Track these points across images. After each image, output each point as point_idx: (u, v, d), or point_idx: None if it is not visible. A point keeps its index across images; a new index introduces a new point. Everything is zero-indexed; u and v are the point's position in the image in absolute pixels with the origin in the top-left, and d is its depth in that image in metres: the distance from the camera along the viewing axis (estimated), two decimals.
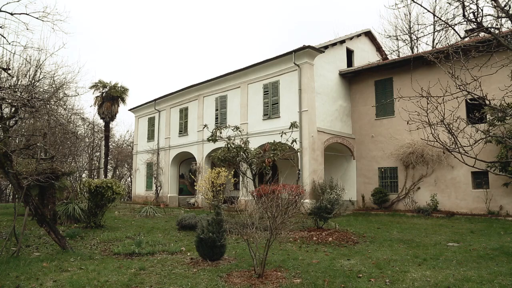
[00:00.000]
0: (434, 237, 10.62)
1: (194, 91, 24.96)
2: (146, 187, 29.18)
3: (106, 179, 13.44)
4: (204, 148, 23.44)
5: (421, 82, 6.79)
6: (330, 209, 11.47)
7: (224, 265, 7.28)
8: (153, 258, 8.03)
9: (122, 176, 42.96)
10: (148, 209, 17.15)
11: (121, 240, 10.44)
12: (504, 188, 15.07)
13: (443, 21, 4.89)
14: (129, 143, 42.02)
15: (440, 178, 17.27)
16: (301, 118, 17.96)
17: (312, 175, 17.65)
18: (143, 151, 29.42)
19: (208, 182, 17.06)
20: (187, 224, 12.18)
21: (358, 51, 22.02)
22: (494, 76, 5.22)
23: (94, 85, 33.70)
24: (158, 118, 28.72)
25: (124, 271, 6.84)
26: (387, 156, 19.00)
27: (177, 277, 6.46)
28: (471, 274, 6.51)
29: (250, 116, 20.81)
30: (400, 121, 17.64)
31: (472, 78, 4.75)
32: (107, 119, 34.48)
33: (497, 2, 4.04)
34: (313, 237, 10.43)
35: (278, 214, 6.52)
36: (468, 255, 8.16)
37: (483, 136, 5.26)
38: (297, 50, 18.18)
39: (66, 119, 12.75)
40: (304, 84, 18.11)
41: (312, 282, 6.04)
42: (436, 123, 5.05)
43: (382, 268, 7.02)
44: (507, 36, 4.43)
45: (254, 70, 20.69)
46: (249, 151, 14.86)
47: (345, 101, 20.68)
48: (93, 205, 12.95)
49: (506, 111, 4.73)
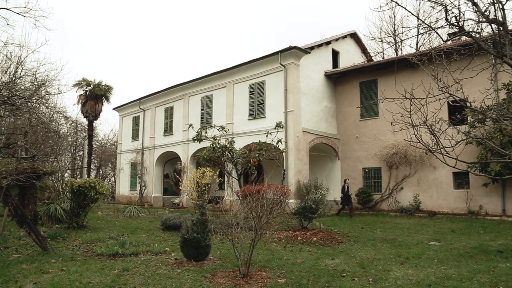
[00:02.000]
0: (417, 237, 10.79)
1: (180, 90, 24.82)
2: (130, 187, 28.88)
3: (89, 179, 13.24)
4: (189, 147, 23.33)
5: (405, 84, 6.89)
6: (314, 209, 11.54)
7: (209, 265, 7.25)
8: (136, 259, 7.95)
9: (105, 175, 42.40)
10: (132, 209, 16.97)
11: (104, 240, 10.30)
12: (484, 188, 15.40)
13: (426, 24, 4.98)
14: (113, 142, 41.49)
15: (423, 179, 17.55)
16: (286, 118, 18.02)
17: (297, 175, 17.73)
18: (128, 151, 29.11)
19: (193, 182, 16.98)
20: (171, 224, 12.09)
21: (344, 52, 22.21)
22: (475, 79, 5.32)
23: (78, 83, 33.18)
24: (143, 117, 28.46)
25: (107, 272, 6.75)
26: (371, 157, 19.21)
27: (161, 277, 6.41)
28: (451, 272, 6.64)
29: (235, 116, 20.79)
30: (384, 122, 17.86)
31: (454, 81, 4.84)
32: (90, 118, 33.98)
33: (478, 8, 4.13)
34: (297, 237, 10.48)
35: (263, 214, 6.53)
36: (449, 253, 8.32)
37: (464, 138, 5.36)
38: (283, 51, 18.24)
39: (48, 118, 12.54)
40: (290, 84, 18.18)
41: (296, 282, 6.06)
42: (419, 124, 5.14)
43: (366, 267, 7.10)
44: (487, 40, 4.53)
45: (240, 70, 20.68)
46: (234, 151, 14.85)
47: (330, 102, 20.83)
48: (76, 205, 12.74)
49: (486, 113, 4.83)
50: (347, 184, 16.92)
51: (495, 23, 4.12)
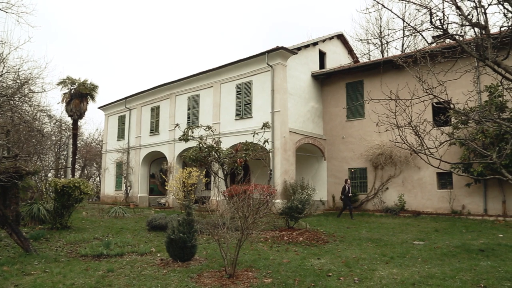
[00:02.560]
0: (401, 236, 10.93)
1: (166, 89, 24.66)
2: (115, 187, 28.57)
3: (73, 179, 13.04)
4: (176, 147, 23.19)
5: (390, 85, 6.97)
6: (301, 209, 11.59)
7: (195, 265, 7.22)
8: (122, 260, 7.87)
9: (90, 175, 41.84)
10: (117, 209, 16.77)
11: (88, 241, 10.17)
12: (466, 188, 15.68)
13: (411, 27, 5.04)
14: (98, 141, 40.97)
15: (408, 179, 17.78)
16: (273, 118, 18.05)
17: (284, 175, 17.78)
18: (113, 150, 28.79)
19: (179, 182, 16.90)
20: (157, 224, 12.00)
21: (330, 53, 22.36)
22: (459, 81, 5.42)
23: (62, 82, 32.66)
24: (129, 117, 28.18)
25: (91, 273, 6.67)
26: (357, 157, 19.38)
27: (146, 278, 6.36)
28: (435, 271, 6.74)
29: (222, 116, 20.75)
30: (370, 123, 18.04)
31: (438, 83, 4.91)
32: (75, 117, 33.48)
33: (461, 11, 4.20)
34: (284, 237, 10.51)
35: (249, 214, 6.54)
36: (433, 253, 8.44)
37: (447, 139, 5.45)
38: (270, 51, 18.27)
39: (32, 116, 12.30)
40: (276, 84, 18.22)
41: (282, 282, 6.08)
42: (404, 125, 5.19)
43: (351, 266, 7.16)
44: (470, 44, 4.61)
45: (227, 70, 20.64)
46: (221, 151, 14.82)
47: (317, 103, 20.95)
48: (60, 205, 12.54)
49: (469, 115, 4.91)
50: (348, 184, 16.58)
51: (478, 27, 4.20)
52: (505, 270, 6.75)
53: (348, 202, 16.32)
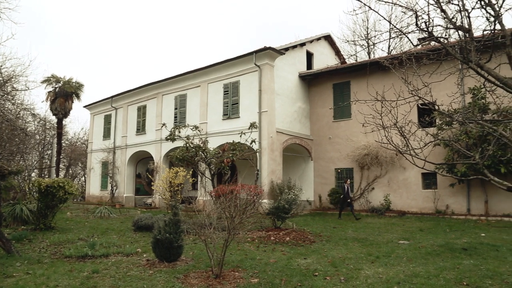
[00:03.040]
0: (387, 236, 11.05)
1: (153, 89, 24.48)
2: (101, 187, 28.24)
3: (58, 179, 12.83)
4: (162, 147, 23.04)
5: (376, 86, 7.04)
6: (287, 209, 11.62)
7: (181, 266, 7.18)
8: (107, 260, 7.78)
9: (75, 175, 41.26)
10: (102, 209, 16.58)
11: (73, 242, 10.03)
12: (450, 188, 15.94)
13: (397, 29, 5.09)
14: (83, 141, 40.42)
15: (393, 179, 17.98)
16: (260, 118, 18.07)
17: (271, 175, 17.81)
18: (99, 150, 28.46)
19: (166, 182, 16.80)
20: (143, 225, 11.90)
21: (318, 54, 22.48)
22: (443, 83, 5.50)
23: (47, 80, 32.15)
24: (115, 116, 27.88)
25: (76, 275, 6.57)
26: (344, 157, 19.52)
27: (132, 279, 6.30)
28: (419, 270, 6.84)
29: (209, 116, 20.68)
30: (356, 124, 18.19)
31: (423, 84, 4.97)
32: (60, 116, 33.00)
33: (446, 14, 4.26)
34: (270, 237, 10.52)
35: (236, 214, 6.53)
36: (417, 252, 8.56)
37: (432, 139, 5.52)
38: (258, 51, 18.29)
39: (15, 115, 12.09)
40: (264, 85, 18.24)
41: (269, 282, 6.09)
42: (389, 126, 5.24)
43: (337, 266, 7.21)
44: (455, 46, 4.68)
45: (214, 70, 20.59)
46: (208, 151, 14.78)
47: (304, 103, 21.04)
48: (43, 205, 12.32)
49: (453, 116, 4.99)
50: (347, 184, 16.26)
51: (462, 30, 4.27)
52: (487, 268, 6.89)
53: (343, 202, 16.25)
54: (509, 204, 14.62)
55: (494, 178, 4.37)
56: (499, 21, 4.17)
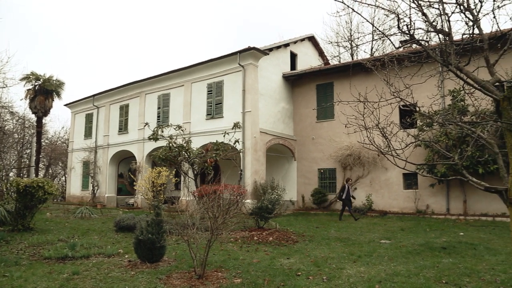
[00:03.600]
0: (369, 235, 11.18)
1: (136, 88, 24.21)
2: (82, 187, 27.76)
3: (37, 178, 12.55)
4: (145, 146, 22.81)
5: (359, 87, 7.12)
6: (271, 209, 11.65)
7: (164, 266, 7.12)
8: (88, 262, 7.65)
9: (55, 175, 40.46)
10: (83, 209, 16.29)
11: (52, 243, 9.82)
12: (431, 189, 16.24)
13: (380, 31, 5.17)
14: (64, 140, 39.67)
15: (375, 179, 18.21)
16: (244, 118, 18.06)
17: (254, 176, 17.82)
18: (80, 149, 27.99)
19: (149, 182, 16.61)
20: (125, 225, 11.75)
21: (302, 55, 22.60)
22: (424, 85, 5.60)
23: (26, 77, 31.41)
24: (97, 115, 27.47)
25: (55, 277, 6.44)
26: (327, 158, 19.68)
27: (113, 280, 6.22)
28: (400, 268, 6.95)
29: (193, 115, 20.58)
30: (339, 124, 18.35)
31: (404, 86, 5.06)
32: (40, 114, 32.30)
33: (427, 18, 4.34)
34: (254, 237, 10.53)
35: (219, 214, 6.51)
36: (398, 251, 8.69)
37: (413, 140, 5.61)
38: (242, 51, 18.28)
39: None
40: (248, 85, 18.24)
41: (252, 282, 6.10)
42: (371, 127, 5.31)
43: (320, 265, 7.27)
44: (435, 49, 4.78)
45: (198, 69, 20.50)
46: (191, 151, 14.69)
47: (288, 103, 21.12)
48: (22, 206, 12.01)
49: (433, 118, 5.09)
50: (348, 184, 15.89)
51: (442, 33, 4.36)
52: (465, 266, 7.05)
53: (348, 203, 15.64)
54: (487, 203, 14.98)
55: (472, 179, 4.47)
56: (477, 26, 4.28)
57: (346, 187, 15.74)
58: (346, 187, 15.75)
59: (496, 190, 4.19)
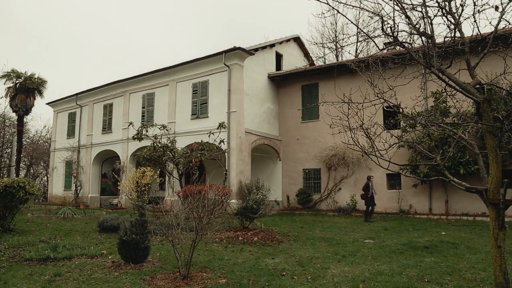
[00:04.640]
0: (353, 235, 11.29)
1: (120, 87, 23.93)
2: (64, 187, 27.30)
3: (18, 178, 12.28)
4: (129, 146, 22.56)
5: (344, 88, 7.18)
6: (256, 209, 11.66)
7: (148, 267, 7.06)
8: (70, 263, 7.53)
9: (37, 175, 39.69)
10: (66, 210, 16.02)
11: (34, 244, 9.63)
12: (413, 189, 16.49)
13: (364, 33, 5.22)
14: (46, 139, 38.98)
15: (359, 180, 18.38)
16: (229, 118, 18.04)
17: (239, 176, 17.81)
18: (62, 149, 27.52)
19: (133, 181, 16.46)
20: (109, 225, 11.61)
21: (287, 55, 22.68)
22: (407, 86, 5.69)
23: (6, 75, 30.71)
24: (80, 114, 27.05)
25: (36, 279, 6.32)
26: (311, 158, 19.79)
27: (97, 282, 6.14)
28: (384, 268, 7.04)
29: (178, 115, 20.45)
30: (324, 125, 18.46)
31: (388, 87, 5.12)
32: (20, 113, 31.61)
33: (410, 20, 4.41)
34: (239, 237, 10.53)
35: (204, 214, 6.49)
36: (382, 250, 8.80)
37: (396, 141, 5.68)
38: (228, 51, 18.25)
39: None
40: (233, 85, 18.22)
41: (237, 282, 6.09)
42: (356, 128, 5.35)
43: (305, 265, 7.31)
44: (418, 51, 4.85)
45: (183, 69, 20.38)
46: (176, 151, 14.59)
47: (273, 104, 21.17)
48: (2, 206, 11.74)
49: (416, 119, 5.16)
50: (371, 181, 15.30)
51: (425, 36, 4.43)
52: (447, 265, 7.18)
53: (371, 201, 15.13)
54: (467, 203, 15.29)
55: (453, 179, 4.56)
56: (459, 29, 4.36)
57: (370, 184, 15.29)
58: (369, 184, 15.27)
59: (477, 190, 4.28)
